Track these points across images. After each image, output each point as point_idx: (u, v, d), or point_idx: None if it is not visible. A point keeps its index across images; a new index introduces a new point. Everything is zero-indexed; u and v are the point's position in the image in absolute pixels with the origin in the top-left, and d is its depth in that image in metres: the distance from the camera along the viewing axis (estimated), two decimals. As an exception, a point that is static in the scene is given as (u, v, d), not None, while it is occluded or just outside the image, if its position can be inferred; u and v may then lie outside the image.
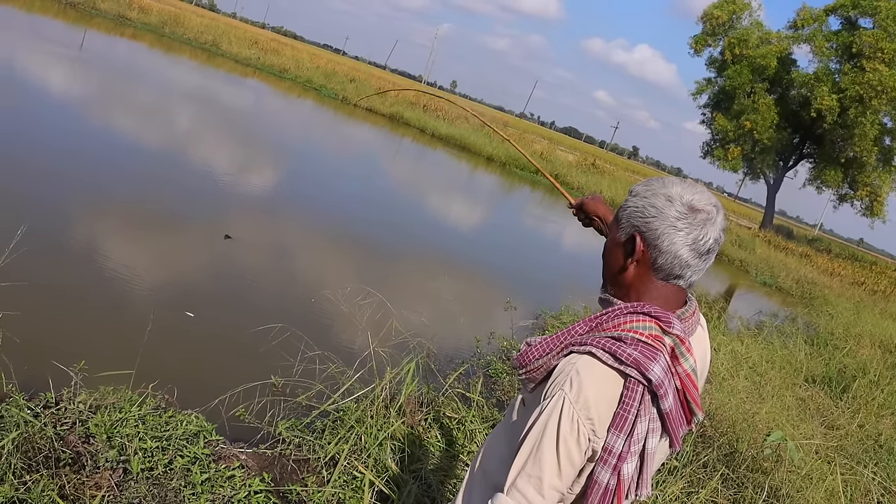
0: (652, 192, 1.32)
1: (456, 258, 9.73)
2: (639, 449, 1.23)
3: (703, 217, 1.28)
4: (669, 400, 1.23)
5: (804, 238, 42.52)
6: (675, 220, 1.27)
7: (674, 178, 1.35)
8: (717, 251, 1.33)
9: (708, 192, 1.33)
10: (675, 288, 1.33)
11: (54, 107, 10.40)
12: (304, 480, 3.17)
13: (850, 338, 10.22)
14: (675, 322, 1.26)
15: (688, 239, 1.28)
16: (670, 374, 1.24)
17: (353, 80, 32.79)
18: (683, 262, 1.29)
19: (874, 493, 4.58)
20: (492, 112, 78.23)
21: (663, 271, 1.31)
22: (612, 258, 1.39)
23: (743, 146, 36.24)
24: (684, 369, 1.25)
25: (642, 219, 1.31)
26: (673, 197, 1.29)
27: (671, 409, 1.24)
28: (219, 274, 5.97)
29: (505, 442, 1.47)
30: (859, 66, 31.23)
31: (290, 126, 18.07)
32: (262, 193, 9.60)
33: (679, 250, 1.28)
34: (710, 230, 1.29)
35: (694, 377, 1.26)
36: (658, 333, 1.24)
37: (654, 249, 1.30)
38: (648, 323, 1.25)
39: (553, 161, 28.25)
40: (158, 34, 28.88)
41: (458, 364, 5.24)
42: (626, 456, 1.22)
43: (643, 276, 1.33)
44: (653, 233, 1.29)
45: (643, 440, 1.23)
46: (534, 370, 1.34)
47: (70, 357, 3.25)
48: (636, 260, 1.32)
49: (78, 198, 6.53)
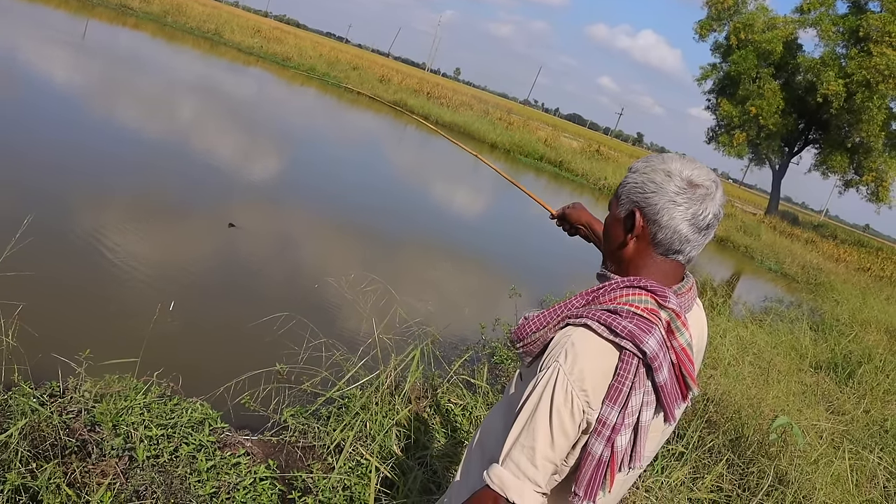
0: (651, 167, 1.33)
1: (460, 245, 9.72)
2: (633, 421, 1.24)
3: (702, 192, 1.29)
4: (664, 373, 1.24)
5: (810, 224, 42.38)
6: (675, 195, 1.28)
7: (672, 155, 1.35)
8: (716, 227, 1.33)
9: (707, 168, 1.33)
10: (674, 263, 1.34)
11: (57, 97, 10.38)
12: (310, 467, 3.18)
13: (856, 323, 10.20)
14: (671, 296, 1.27)
15: (687, 214, 1.28)
16: (665, 348, 1.24)
17: (356, 67, 32.71)
18: (683, 237, 1.30)
19: (880, 478, 4.58)
20: (496, 99, 77.97)
21: (663, 246, 1.31)
22: (613, 234, 1.40)
23: (748, 132, 36.07)
24: (679, 343, 1.26)
25: (642, 194, 1.32)
26: (672, 172, 1.30)
27: (666, 383, 1.24)
28: (223, 262, 5.98)
29: (501, 416, 1.49)
30: (866, 50, 30.94)
31: (293, 114, 18.02)
32: (266, 182, 9.59)
33: (679, 225, 1.29)
34: (709, 205, 1.29)
35: (689, 351, 1.27)
36: (653, 307, 1.25)
37: (653, 224, 1.31)
38: (644, 296, 1.26)
39: (557, 148, 28.13)
40: (161, 23, 28.79)
41: (462, 351, 5.24)
42: (620, 428, 1.23)
43: (643, 251, 1.33)
44: (652, 208, 1.30)
45: (637, 413, 1.24)
46: (530, 343, 1.35)
47: (75, 346, 3.25)
48: (636, 235, 1.33)
49: (82, 188, 6.53)
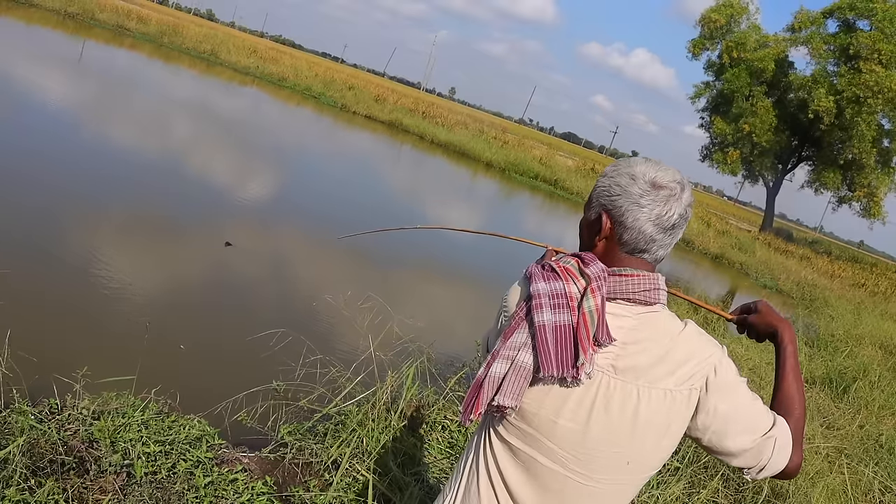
0: (617, 172, 1.38)
1: (456, 263, 9.75)
2: (511, 356, 1.31)
3: (665, 193, 1.33)
4: (544, 316, 1.29)
5: (804, 240, 42.52)
6: (639, 198, 1.33)
7: (639, 158, 1.40)
8: (683, 226, 1.37)
9: (673, 170, 1.37)
10: (640, 261, 1.37)
11: (54, 118, 10.44)
12: (307, 484, 3.20)
13: (851, 339, 10.23)
14: (593, 266, 1.32)
15: (651, 215, 1.33)
16: (562, 300, 1.29)
17: (351, 87, 32.86)
18: (648, 237, 1.34)
19: (875, 493, 4.60)
20: (491, 118, 78.35)
21: (629, 246, 1.36)
22: (584, 237, 1.46)
23: (742, 149, 36.28)
24: (584, 308, 1.29)
25: (608, 197, 1.37)
26: (636, 175, 1.35)
27: (544, 328, 1.29)
28: (220, 281, 6.00)
29: None
30: (856, 67, 31.26)
31: (289, 134, 18.12)
32: (263, 201, 9.64)
33: (643, 226, 1.33)
34: (674, 206, 1.33)
35: (590, 318, 1.28)
36: (571, 268, 1.33)
37: (619, 226, 1.35)
38: (570, 259, 1.35)
39: (553, 167, 28.27)
40: (157, 44, 28.98)
41: (458, 368, 5.26)
42: (497, 356, 1.32)
43: (610, 251, 1.38)
44: (618, 210, 1.35)
45: (517, 350, 1.31)
46: None
47: (72, 364, 3.27)
48: (604, 237, 1.38)
49: (80, 207, 6.56)
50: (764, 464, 1.38)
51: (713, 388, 1.34)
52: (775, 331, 1.53)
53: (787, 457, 1.39)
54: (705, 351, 1.37)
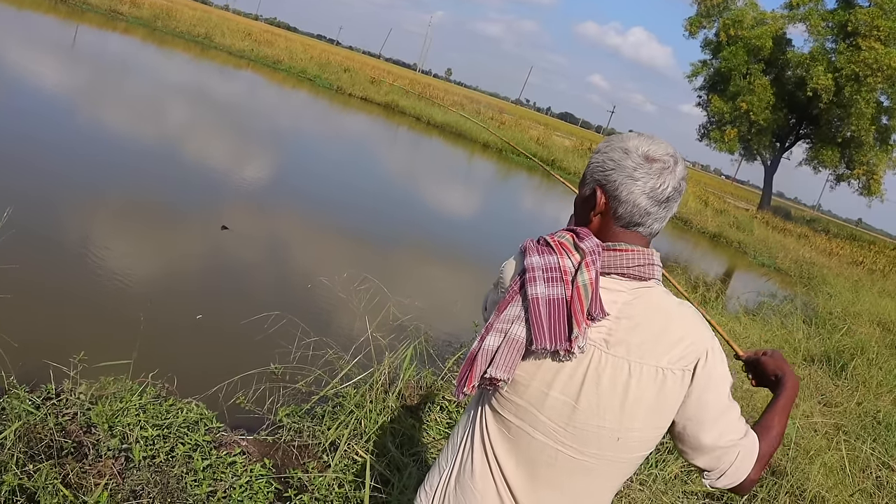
0: (611, 147, 1.39)
1: (452, 244, 9.74)
2: (505, 329, 1.32)
3: (659, 166, 1.33)
4: (537, 289, 1.29)
5: (802, 219, 42.53)
6: (633, 171, 1.34)
7: (632, 133, 1.40)
8: (677, 199, 1.38)
9: (666, 143, 1.37)
10: (635, 235, 1.37)
11: (48, 104, 10.36)
12: (305, 466, 3.20)
13: (849, 317, 10.24)
14: (587, 241, 1.33)
15: (645, 188, 1.33)
16: (555, 274, 1.30)
17: (347, 69, 32.63)
18: (643, 210, 1.34)
19: (873, 468, 4.62)
20: (487, 98, 77.96)
21: (623, 220, 1.36)
22: (579, 214, 1.45)
23: (739, 127, 36.18)
24: (577, 282, 1.29)
25: (602, 172, 1.38)
26: (629, 149, 1.35)
27: (537, 301, 1.29)
28: (216, 264, 5.98)
29: None
30: (855, 44, 31.07)
31: (284, 117, 18.02)
32: (258, 184, 9.60)
33: (637, 199, 1.34)
34: (668, 178, 1.34)
35: (584, 292, 1.28)
36: (566, 243, 1.34)
37: (614, 200, 1.36)
38: (566, 234, 1.36)
39: (550, 146, 28.18)
40: (150, 28, 28.74)
41: (456, 348, 5.26)
42: (491, 329, 1.33)
43: (605, 225, 1.38)
44: (612, 184, 1.35)
45: (511, 323, 1.31)
46: None
47: (69, 349, 3.26)
48: (599, 212, 1.39)
49: (75, 193, 6.52)
50: (725, 469, 1.39)
51: (702, 374, 1.35)
52: (783, 375, 1.57)
53: (749, 469, 1.40)
54: (699, 333, 1.37)
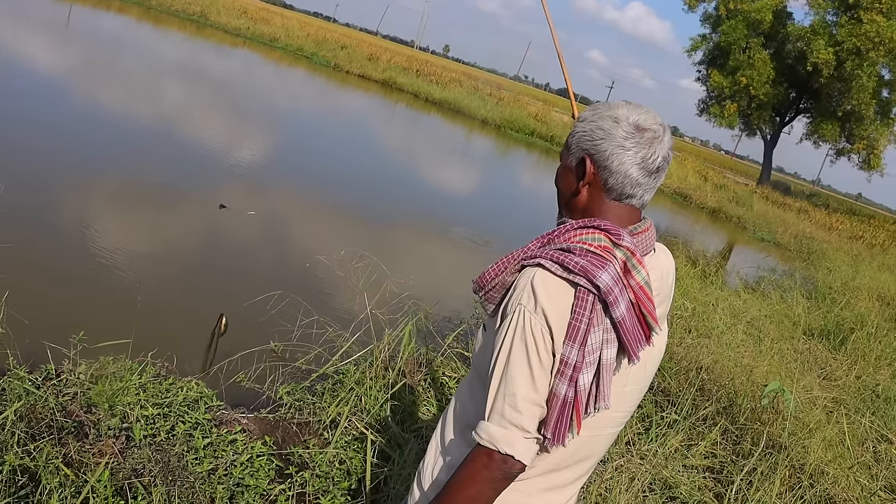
0: (598, 115, 1.34)
1: (452, 221, 9.71)
2: (594, 360, 1.23)
3: (649, 136, 1.31)
4: (621, 308, 1.23)
5: (802, 193, 42.46)
6: (623, 140, 1.30)
7: (619, 102, 1.36)
8: (666, 169, 1.35)
9: (654, 112, 1.34)
10: (628, 207, 1.35)
11: (44, 84, 10.29)
12: (306, 442, 3.20)
13: (848, 291, 10.24)
14: (625, 235, 1.28)
15: (636, 158, 1.30)
16: (621, 284, 1.24)
17: (344, 46, 32.37)
18: (634, 181, 1.32)
19: (871, 442, 4.64)
20: (485, 75, 77.41)
21: (615, 191, 1.33)
22: (565, 184, 1.41)
23: (739, 102, 36.02)
24: (637, 282, 1.26)
25: (591, 142, 1.33)
26: (619, 118, 1.31)
27: (624, 319, 1.24)
28: (214, 243, 5.97)
29: (473, 369, 1.48)
30: (856, 17, 30.80)
31: (282, 95, 17.90)
32: (256, 163, 9.55)
33: (629, 169, 1.31)
34: (657, 148, 1.32)
35: (647, 290, 1.27)
36: (607, 245, 1.26)
37: (604, 171, 1.33)
38: (598, 235, 1.27)
39: (548, 122, 28.02)
40: (145, 6, 28.37)
41: (456, 325, 5.25)
42: (581, 366, 1.21)
43: (596, 197, 1.35)
44: (601, 154, 1.32)
45: (598, 351, 1.23)
46: (491, 290, 1.36)
47: (68, 329, 3.25)
48: (588, 182, 1.35)
49: (72, 173, 6.50)
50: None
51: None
52: None
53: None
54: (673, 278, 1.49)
